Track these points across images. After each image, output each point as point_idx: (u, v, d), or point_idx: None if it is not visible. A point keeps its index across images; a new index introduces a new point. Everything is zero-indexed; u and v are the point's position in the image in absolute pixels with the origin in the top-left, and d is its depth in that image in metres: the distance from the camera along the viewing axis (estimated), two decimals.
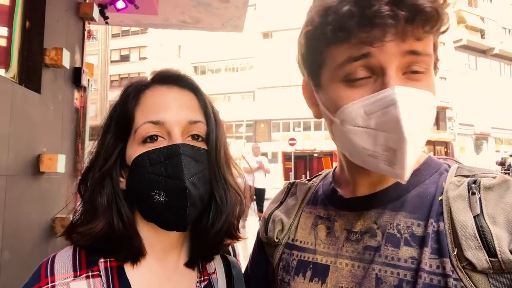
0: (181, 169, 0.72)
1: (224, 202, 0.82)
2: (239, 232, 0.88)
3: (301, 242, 0.83)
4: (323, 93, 0.74)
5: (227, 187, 0.83)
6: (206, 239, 0.81)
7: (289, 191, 0.97)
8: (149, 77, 0.85)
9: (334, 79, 0.70)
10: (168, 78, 0.81)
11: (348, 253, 0.74)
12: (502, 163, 21.15)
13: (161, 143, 0.76)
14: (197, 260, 0.85)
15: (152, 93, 0.79)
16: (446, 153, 30.02)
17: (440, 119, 30.39)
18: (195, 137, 0.79)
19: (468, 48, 31.94)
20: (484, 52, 33.28)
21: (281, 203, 0.95)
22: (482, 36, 32.33)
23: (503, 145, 32.72)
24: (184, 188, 0.72)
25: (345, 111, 0.68)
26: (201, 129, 0.80)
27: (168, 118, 0.75)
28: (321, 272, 0.76)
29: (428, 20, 0.62)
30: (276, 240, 0.87)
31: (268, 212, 0.94)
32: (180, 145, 0.74)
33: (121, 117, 0.78)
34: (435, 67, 0.73)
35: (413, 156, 0.64)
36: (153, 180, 0.73)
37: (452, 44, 31.05)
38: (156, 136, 0.76)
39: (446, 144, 30.78)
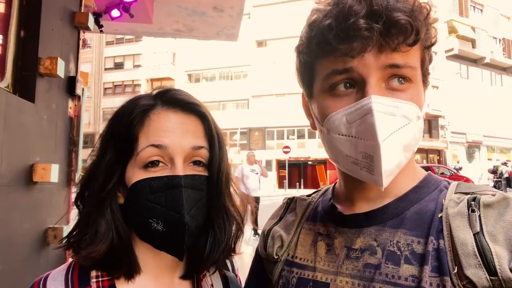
0: (181, 203, 0.72)
1: (222, 231, 0.82)
2: (237, 249, 0.88)
3: (301, 259, 0.82)
4: (315, 104, 0.78)
5: (226, 215, 0.82)
6: (203, 265, 0.82)
7: (288, 206, 0.96)
8: (149, 93, 0.82)
9: (322, 90, 0.74)
10: (175, 102, 0.79)
11: (348, 270, 0.73)
12: (494, 171, 21.34)
13: (162, 169, 0.75)
14: (192, 275, 0.85)
15: (156, 117, 0.77)
16: (439, 161, 30.23)
17: (432, 127, 30.65)
18: (197, 162, 0.78)
19: (459, 57, 32.36)
20: (475, 61, 33.75)
21: (280, 218, 0.94)
22: (473, 46, 32.79)
23: (495, 153, 33.03)
24: (183, 223, 0.72)
25: (330, 120, 0.72)
26: (204, 155, 0.79)
27: (171, 143, 0.74)
28: None
29: (402, 32, 0.66)
30: (276, 257, 0.86)
31: (267, 228, 0.93)
32: (182, 177, 0.74)
33: (124, 139, 0.76)
34: (425, 80, 0.75)
35: (391, 163, 0.67)
36: (152, 208, 0.73)
37: (443, 53, 31.44)
38: (158, 161, 0.75)
39: (438, 152, 31.00)
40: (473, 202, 0.66)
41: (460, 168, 23.19)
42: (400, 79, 0.69)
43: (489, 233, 0.62)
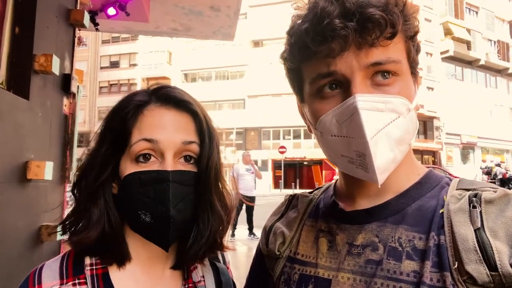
0: (168, 198, 0.75)
1: (206, 226, 0.83)
2: (224, 244, 0.90)
3: (303, 255, 0.83)
4: (306, 108, 0.79)
5: (211, 210, 0.84)
6: (187, 257, 0.85)
7: (290, 203, 0.96)
8: (145, 90, 0.85)
9: (311, 94, 0.75)
10: (168, 99, 0.82)
11: (349, 266, 0.73)
12: (488, 172, 21.43)
13: (153, 163, 0.78)
14: (182, 265, 0.88)
15: (150, 113, 0.80)
16: (434, 162, 30.35)
17: (427, 128, 30.79)
18: (187, 158, 0.81)
19: (454, 59, 32.52)
20: (470, 63, 33.92)
21: (282, 215, 0.94)
22: (469, 48, 32.96)
23: (489, 154, 33.21)
24: (168, 216, 0.75)
25: (321, 122, 0.73)
26: (194, 150, 0.81)
27: (162, 138, 0.77)
28: (322, 286, 0.75)
29: (377, 27, 0.66)
30: (277, 253, 0.86)
31: (269, 224, 0.93)
32: (170, 172, 0.76)
33: (119, 133, 0.79)
34: (414, 72, 0.75)
35: (384, 159, 0.67)
36: (141, 200, 0.77)
37: (439, 55, 31.60)
38: (149, 155, 0.78)
39: (433, 153, 31.14)
40: (474, 198, 0.66)
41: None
42: (385, 73, 0.69)
43: (490, 229, 0.62)
